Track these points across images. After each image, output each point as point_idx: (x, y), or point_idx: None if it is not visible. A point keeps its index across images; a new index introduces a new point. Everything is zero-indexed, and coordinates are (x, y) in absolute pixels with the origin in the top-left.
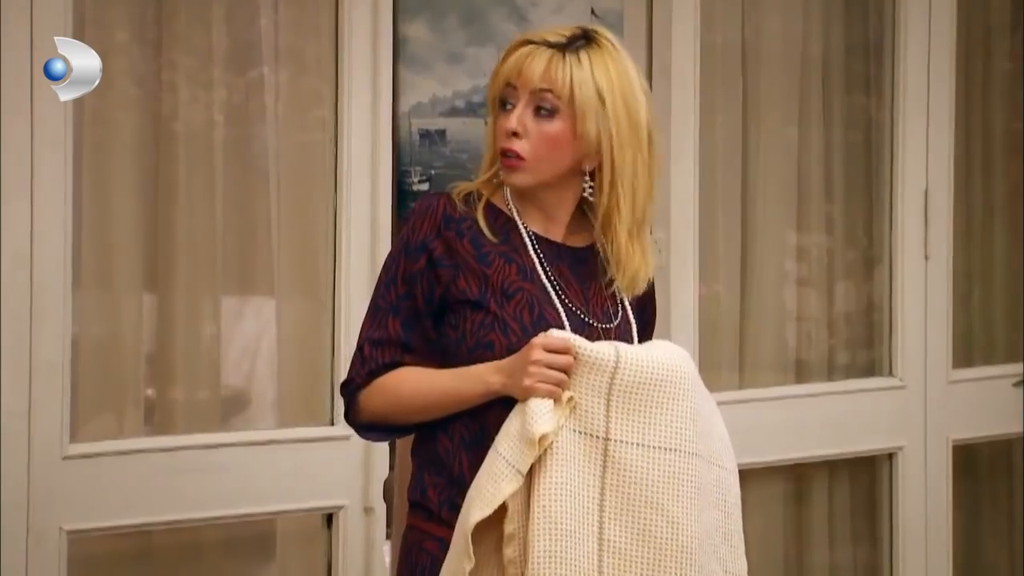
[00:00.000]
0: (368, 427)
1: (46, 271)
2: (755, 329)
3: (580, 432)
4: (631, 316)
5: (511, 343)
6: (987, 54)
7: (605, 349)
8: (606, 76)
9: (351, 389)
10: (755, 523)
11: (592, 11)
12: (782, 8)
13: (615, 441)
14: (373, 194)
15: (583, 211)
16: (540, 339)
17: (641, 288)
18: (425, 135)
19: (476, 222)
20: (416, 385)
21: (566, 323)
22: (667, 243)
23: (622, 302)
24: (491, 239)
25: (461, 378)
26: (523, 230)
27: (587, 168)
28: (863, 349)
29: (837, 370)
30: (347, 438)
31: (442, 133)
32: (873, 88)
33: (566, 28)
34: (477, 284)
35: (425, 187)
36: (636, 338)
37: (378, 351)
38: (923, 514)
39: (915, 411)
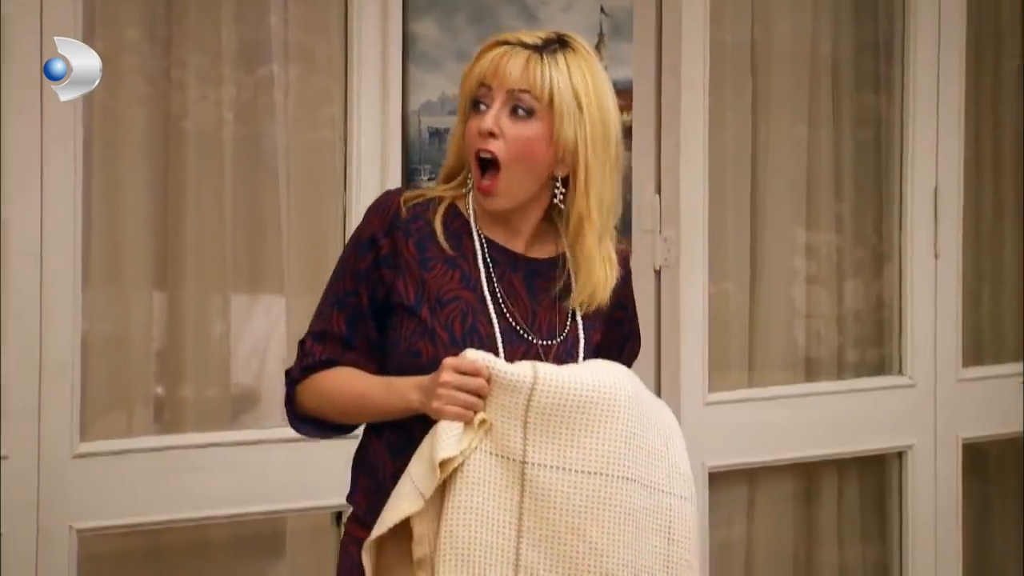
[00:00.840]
0: (302, 420)
1: (55, 269)
2: (764, 327)
3: (497, 455)
4: (580, 333)
5: (438, 353)
6: (997, 53)
7: (522, 370)
8: (583, 80)
9: (288, 381)
10: (765, 522)
11: (602, 9)
12: (792, 7)
13: (532, 464)
14: (382, 191)
15: (549, 221)
16: (451, 360)
17: (604, 299)
18: (434, 133)
19: (427, 224)
20: (344, 388)
21: (499, 336)
22: (677, 242)
23: (574, 318)
24: (440, 243)
25: (386, 389)
26: (477, 237)
27: (559, 175)
28: (872, 347)
29: (846, 368)
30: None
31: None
32: (883, 87)
33: (541, 31)
34: (415, 289)
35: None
36: (582, 355)
37: (318, 346)
38: (933, 512)
39: (924, 409)
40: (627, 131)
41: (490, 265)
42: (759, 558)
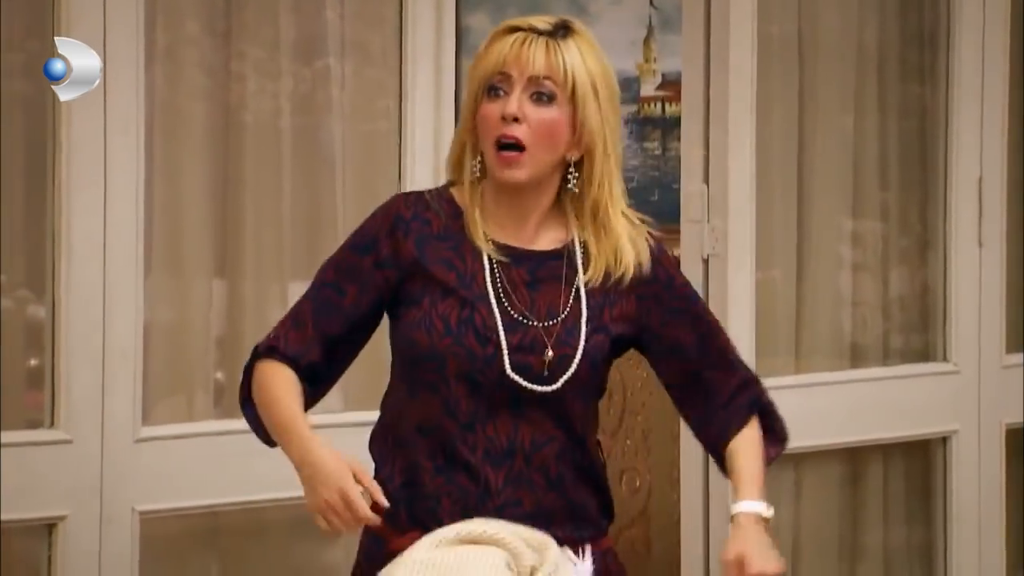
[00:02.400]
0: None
1: (118, 258)
2: (811, 314)
3: None
4: (584, 310)
5: (433, 343)
6: None
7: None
8: (595, 63)
9: (254, 356)
10: (811, 505)
11: (651, 2)
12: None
13: None
14: (436, 181)
15: (557, 206)
16: (348, 483)
17: (629, 266)
18: None
19: (427, 223)
20: (274, 399)
21: (500, 325)
22: (724, 231)
23: (577, 297)
24: (440, 243)
25: (293, 432)
26: (480, 237)
27: (572, 159)
28: (917, 334)
29: (892, 355)
30: None
31: None
32: (928, 78)
33: (548, 16)
34: (420, 284)
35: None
36: (583, 331)
37: (291, 334)
38: (976, 497)
39: (969, 396)
40: (676, 122)
41: (493, 262)
42: (805, 541)
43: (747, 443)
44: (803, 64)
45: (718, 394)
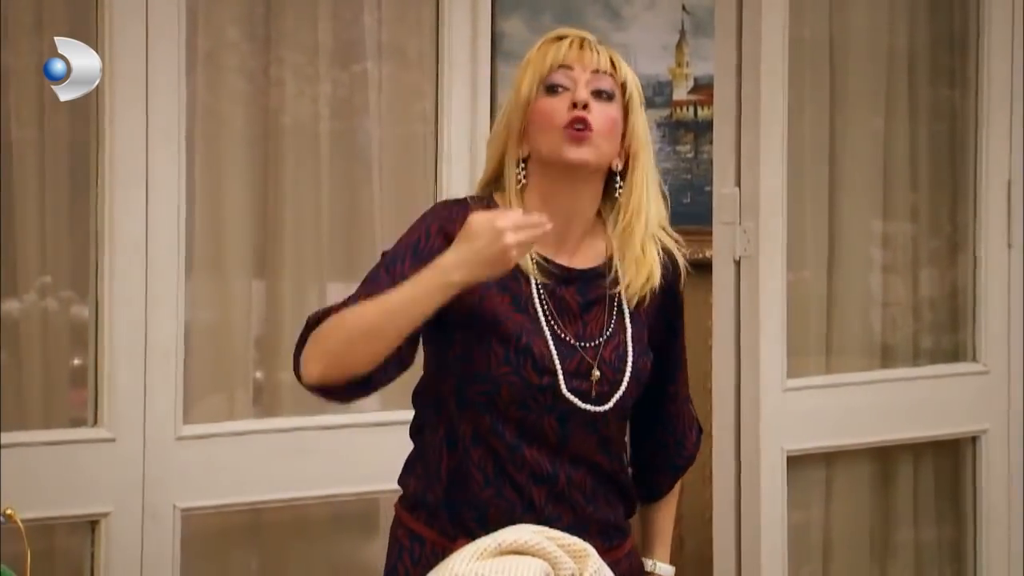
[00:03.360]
0: (319, 376)
1: (160, 259)
2: (842, 315)
3: None
4: (628, 326)
5: (490, 368)
6: None
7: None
8: (632, 78)
9: (306, 327)
10: (843, 503)
11: (683, 7)
12: (869, 2)
13: None
14: (471, 182)
15: (597, 218)
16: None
17: (655, 282)
18: None
19: None
20: (370, 304)
21: (554, 352)
22: (756, 232)
23: (621, 315)
24: None
25: (415, 279)
26: (529, 256)
27: (617, 166)
28: (947, 335)
29: (922, 355)
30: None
31: None
32: (958, 80)
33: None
34: (477, 301)
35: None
36: (630, 348)
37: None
38: (1006, 495)
39: (998, 395)
40: (708, 125)
41: (539, 285)
42: (836, 539)
43: (672, 500)
44: (834, 67)
45: (674, 424)
